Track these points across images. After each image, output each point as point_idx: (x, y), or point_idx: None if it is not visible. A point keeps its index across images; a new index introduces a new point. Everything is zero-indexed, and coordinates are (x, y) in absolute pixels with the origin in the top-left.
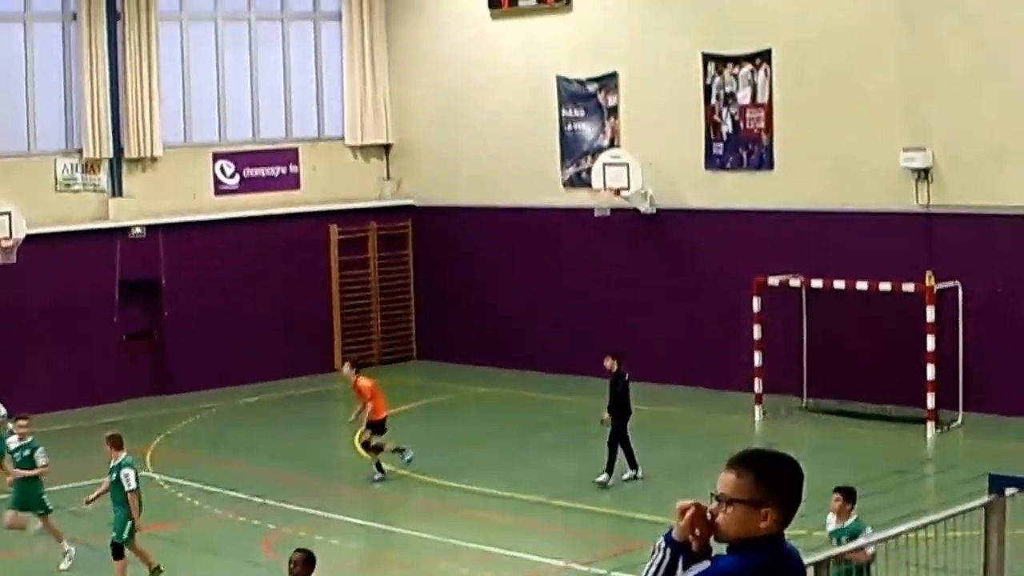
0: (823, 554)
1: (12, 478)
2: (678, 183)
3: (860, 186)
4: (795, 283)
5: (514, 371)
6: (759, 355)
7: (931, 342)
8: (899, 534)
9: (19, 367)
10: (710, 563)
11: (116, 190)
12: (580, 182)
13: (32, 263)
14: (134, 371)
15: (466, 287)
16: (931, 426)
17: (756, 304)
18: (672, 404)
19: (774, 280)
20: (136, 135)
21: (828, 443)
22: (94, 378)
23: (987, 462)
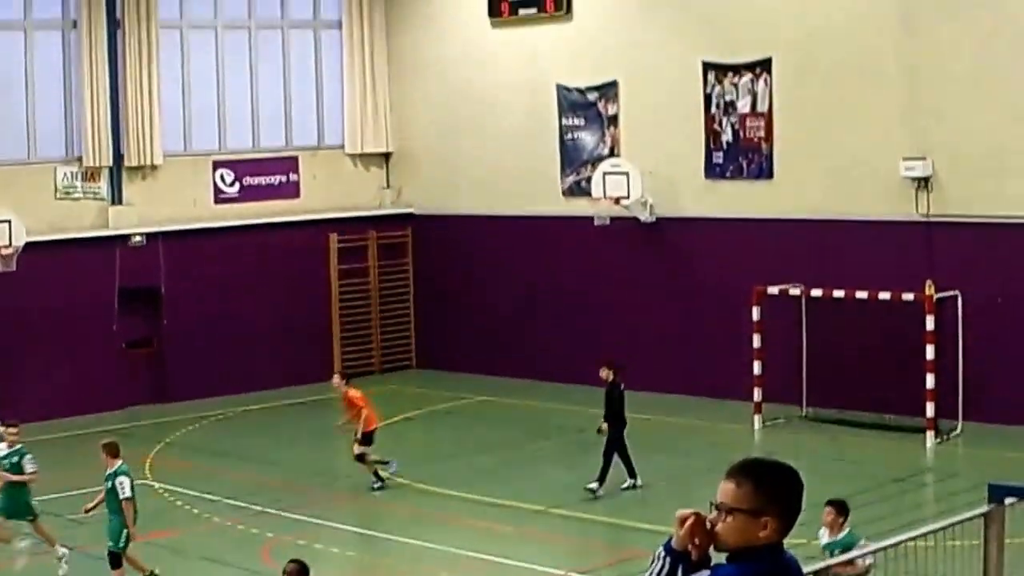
0: (819, 564)
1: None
2: (678, 192)
3: (860, 195)
4: (795, 292)
5: (514, 379)
6: (759, 364)
7: (931, 351)
8: (899, 543)
9: (19, 375)
10: (709, 572)
11: (116, 198)
12: (580, 191)
13: (32, 271)
14: (133, 379)
15: (466, 296)
16: (931, 435)
17: (756, 313)
18: (672, 413)
19: (774, 289)
20: (136, 143)
21: (828, 452)
22: (94, 386)
23: (987, 471)
